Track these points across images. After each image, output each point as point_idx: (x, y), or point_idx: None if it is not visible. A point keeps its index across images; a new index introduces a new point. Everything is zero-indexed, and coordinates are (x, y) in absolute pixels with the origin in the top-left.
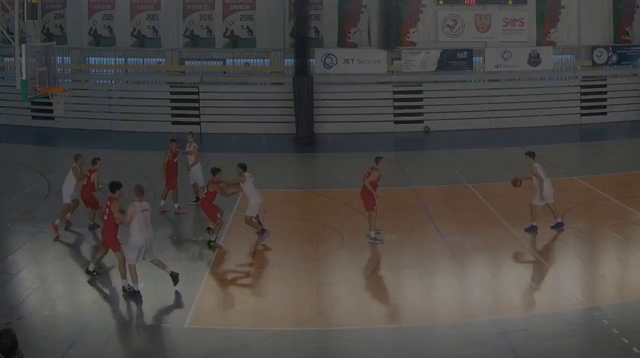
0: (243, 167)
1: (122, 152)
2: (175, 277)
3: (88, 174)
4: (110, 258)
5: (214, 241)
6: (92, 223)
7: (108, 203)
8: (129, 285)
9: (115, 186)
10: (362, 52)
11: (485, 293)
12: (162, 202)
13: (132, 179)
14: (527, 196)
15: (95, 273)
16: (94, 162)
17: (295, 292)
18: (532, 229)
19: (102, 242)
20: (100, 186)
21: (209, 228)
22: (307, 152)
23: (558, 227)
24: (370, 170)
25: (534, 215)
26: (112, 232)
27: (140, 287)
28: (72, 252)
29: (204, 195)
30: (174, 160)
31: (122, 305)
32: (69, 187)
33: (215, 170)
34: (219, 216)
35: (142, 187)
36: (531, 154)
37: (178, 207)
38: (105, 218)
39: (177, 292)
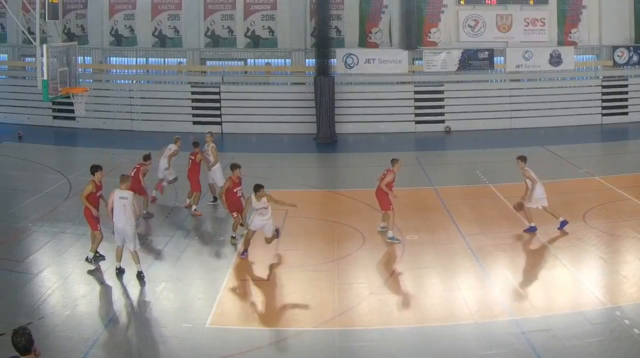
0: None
1: (143, 152)
2: (139, 277)
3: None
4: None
5: (233, 238)
6: (145, 211)
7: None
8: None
9: (95, 169)
10: (383, 52)
11: (506, 293)
12: (194, 207)
13: (152, 178)
14: (549, 197)
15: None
16: (145, 158)
17: (316, 292)
18: (531, 230)
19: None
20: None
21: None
22: (328, 152)
23: (562, 226)
24: (385, 172)
25: (529, 217)
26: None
27: (162, 286)
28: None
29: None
30: (197, 162)
31: (143, 304)
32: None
33: (234, 166)
34: (235, 215)
35: (125, 176)
36: (522, 158)
37: (195, 209)
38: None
39: (198, 292)
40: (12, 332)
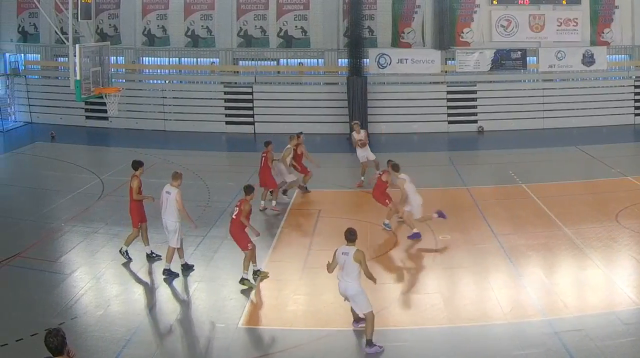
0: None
1: (176, 151)
2: (165, 273)
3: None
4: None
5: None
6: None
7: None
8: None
9: (137, 164)
10: (416, 52)
11: (539, 293)
12: (274, 203)
13: (185, 178)
14: (581, 197)
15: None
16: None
17: None
18: (415, 237)
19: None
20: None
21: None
22: None
23: (415, 237)
24: (381, 173)
25: (411, 224)
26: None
27: (194, 287)
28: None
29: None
30: (268, 164)
31: (176, 304)
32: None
33: (249, 189)
34: (250, 246)
35: (177, 173)
36: (395, 167)
37: (275, 204)
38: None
39: (231, 292)
40: (46, 333)
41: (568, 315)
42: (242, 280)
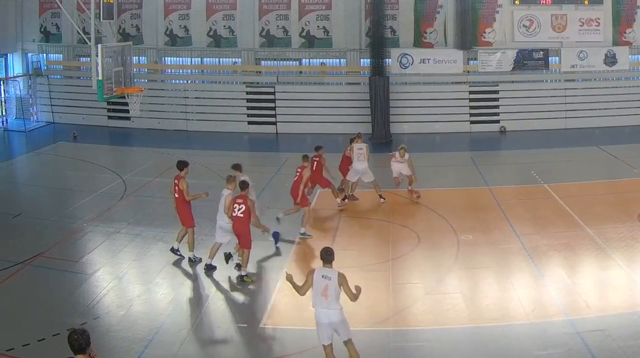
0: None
1: (198, 151)
2: (206, 267)
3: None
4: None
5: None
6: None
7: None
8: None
9: (183, 164)
10: (438, 52)
11: (561, 293)
12: (338, 200)
13: (206, 178)
14: (603, 197)
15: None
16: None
17: (371, 292)
18: (275, 235)
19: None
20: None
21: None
22: (383, 152)
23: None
24: (300, 170)
25: (289, 212)
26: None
27: (217, 287)
28: (147, 251)
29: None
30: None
31: (198, 304)
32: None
33: (243, 184)
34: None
35: (231, 177)
36: (237, 167)
37: (345, 200)
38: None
39: (253, 292)
40: (70, 332)
41: (590, 315)
42: (243, 278)
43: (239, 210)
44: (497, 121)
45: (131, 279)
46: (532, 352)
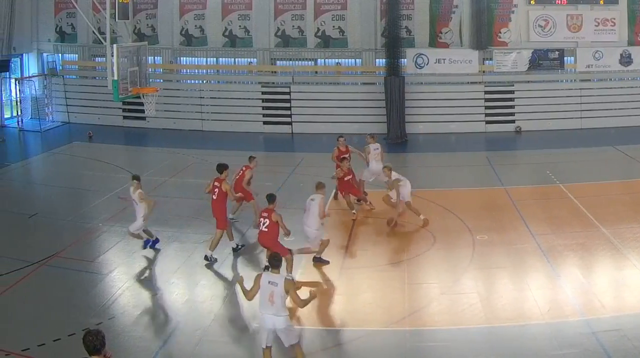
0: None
1: (214, 151)
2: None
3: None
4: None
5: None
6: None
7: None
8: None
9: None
10: (453, 52)
11: (577, 293)
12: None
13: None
14: (619, 197)
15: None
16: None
17: (387, 292)
18: (147, 244)
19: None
20: None
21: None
22: (398, 152)
23: (151, 244)
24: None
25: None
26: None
27: (235, 286)
28: (163, 251)
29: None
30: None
31: (214, 305)
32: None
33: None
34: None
35: (319, 182)
36: (136, 177)
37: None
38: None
39: None
40: (85, 332)
41: (606, 315)
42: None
43: (263, 224)
44: (513, 121)
45: (147, 279)
46: (547, 352)
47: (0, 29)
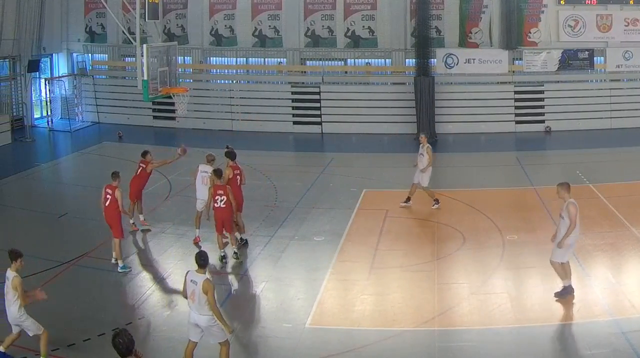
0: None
1: (244, 151)
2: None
3: (143, 166)
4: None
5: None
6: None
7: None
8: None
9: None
10: (483, 52)
11: (606, 293)
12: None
13: (254, 178)
14: None
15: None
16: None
17: (416, 292)
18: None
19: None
20: None
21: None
22: None
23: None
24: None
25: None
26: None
27: (262, 286)
28: (193, 251)
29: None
30: None
31: (243, 305)
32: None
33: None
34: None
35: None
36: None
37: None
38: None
39: (298, 292)
40: (113, 334)
41: (635, 315)
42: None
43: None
44: (542, 121)
45: (176, 279)
46: (577, 351)
47: (30, 29)
